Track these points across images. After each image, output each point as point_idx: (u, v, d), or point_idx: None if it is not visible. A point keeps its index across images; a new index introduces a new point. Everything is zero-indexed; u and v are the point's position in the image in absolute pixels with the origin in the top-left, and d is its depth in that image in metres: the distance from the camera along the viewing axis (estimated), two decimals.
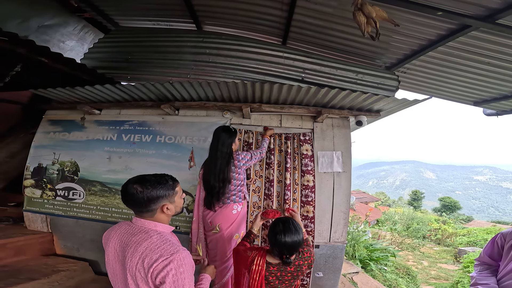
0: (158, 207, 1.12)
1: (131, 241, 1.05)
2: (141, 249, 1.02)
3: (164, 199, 1.12)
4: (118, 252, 1.09)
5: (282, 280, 1.43)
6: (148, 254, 1.00)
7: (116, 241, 1.11)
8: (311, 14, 2.53)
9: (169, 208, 1.14)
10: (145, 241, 1.04)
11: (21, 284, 2.02)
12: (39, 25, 3.16)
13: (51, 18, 3.29)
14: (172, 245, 1.04)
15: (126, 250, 1.05)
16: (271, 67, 3.01)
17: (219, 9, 2.93)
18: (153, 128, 2.81)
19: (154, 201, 1.10)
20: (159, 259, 0.99)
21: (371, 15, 1.57)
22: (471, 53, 2.39)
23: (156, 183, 1.12)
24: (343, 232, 2.61)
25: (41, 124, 3.02)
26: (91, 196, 2.80)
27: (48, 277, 2.25)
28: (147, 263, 0.99)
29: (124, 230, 1.12)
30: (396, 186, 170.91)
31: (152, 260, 0.99)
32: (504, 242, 1.40)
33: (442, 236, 12.89)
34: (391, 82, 2.90)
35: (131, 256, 1.02)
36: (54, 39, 3.40)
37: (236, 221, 2.07)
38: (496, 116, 3.79)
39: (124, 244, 1.07)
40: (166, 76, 3.07)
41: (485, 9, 1.80)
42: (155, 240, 1.04)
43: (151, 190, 1.09)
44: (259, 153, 2.24)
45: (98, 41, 3.48)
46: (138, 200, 1.08)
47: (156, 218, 1.13)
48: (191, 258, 1.07)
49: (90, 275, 2.61)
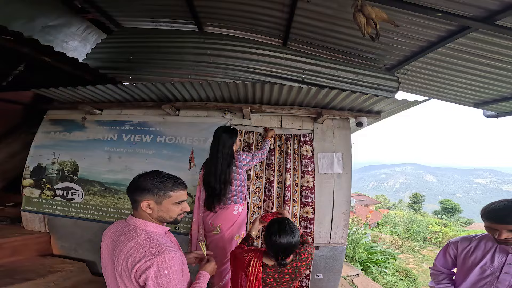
0: (140, 201, 1.05)
1: (120, 240, 1.03)
2: (127, 248, 0.99)
3: (149, 194, 1.05)
4: (110, 250, 1.07)
5: (280, 282, 1.42)
6: (132, 254, 0.97)
7: (109, 239, 1.10)
8: (312, 15, 2.55)
9: (152, 207, 1.06)
10: (131, 240, 1.01)
11: (16, 284, 2.00)
12: (43, 25, 3.18)
13: (55, 18, 3.31)
14: (159, 246, 0.99)
15: (115, 249, 1.03)
16: (271, 68, 3.02)
17: (221, 10, 2.95)
18: (154, 128, 2.82)
19: (139, 192, 1.06)
20: (142, 259, 0.95)
21: (371, 16, 1.58)
22: (470, 54, 2.40)
23: (155, 176, 1.08)
24: (344, 233, 2.58)
25: (42, 124, 3.03)
26: (90, 196, 2.79)
27: (44, 277, 2.23)
28: (130, 263, 0.96)
29: (116, 229, 1.10)
30: (396, 189, 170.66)
31: (136, 261, 0.95)
32: (456, 252, 1.42)
33: (443, 239, 12.88)
34: (391, 83, 2.91)
35: (118, 255, 1.00)
36: (58, 39, 3.41)
37: (237, 222, 2.06)
38: (496, 118, 3.81)
39: (114, 243, 1.05)
40: (168, 76, 3.08)
41: (484, 11, 1.82)
42: (141, 240, 1.00)
43: (144, 180, 1.07)
44: (260, 154, 2.24)
45: (101, 41, 3.51)
46: (130, 186, 1.08)
47: (140, 214, 1.08)
48: (180, 259, 1.03)
49: (87, 276, 2.59)
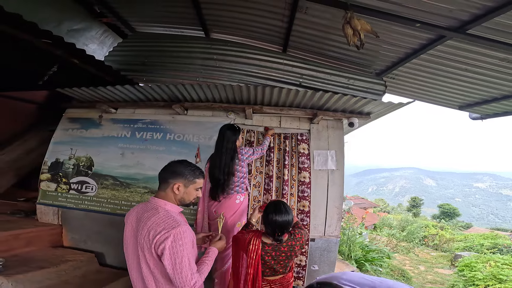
0: (172, 184, 1.28)
1: (144, 217, 1.20)
2: (149, 223, 1.16)
3: (181, 178, 1.29)
4: (134, 228, 1.23)
5: (277, 260, 1.57)
6: (154, 227, 1.14)
7: (133, 218, 1.26)
8: (309, 25, 2.79)
9: (180, 189, 1.28)
10: (153, 216, 1.18)
11: (31, 272, 2.12)
12: (68, 29, 3.43)
13: (78, 22, 3.58)
14: (175, 221, 1.16)
15: (139, 224, 1.20)
16: (272, 73, 3.25)
17: (226, 18, 3.19)
18: (164, 126, 3.03)
19: (175, 175, 1.29)
20: (161, 231, 1.11)
21: (357, 28, 1.84)
22: (449, 60, 2.64)
23: (188, 164, 1.33)
24: (337, 226, 2.76)
25: (61, 122, 3.23)
26: (103, 190, 2.95)
27: (56, 266, 2.34)
28: (152, 235, 1.12)
29: (140, 208, 1.28)
30: (395, 193, 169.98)
31: (156, 233, 1.11)
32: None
33: (440, 242, 12.89)
34: (379, 87, 3.16)
35: (141, 229, 1.16)
36: (80, 42, 3.64)
37: (239, 210, 2.25)
38: (481, 120, 4.05)
39: (138, 220, 1.22)
40: (178, 78, 3.32)
41: (456, 21, 2.06)
42: (161, 216, 1.18)
43: (180, 166, 1.31)
44: (261, 149, 2.46)
45: (118, 44, 3.76)
46: (166, 169, 1.30)
47: (166, 195, 1.29)
48: (192, 233, 1.21)
49: (95, 266, 2.70)
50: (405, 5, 2.03)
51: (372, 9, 2.12)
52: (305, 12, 2.58)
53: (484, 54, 2.41)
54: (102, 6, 3.41)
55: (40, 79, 2.65)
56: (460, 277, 6.61)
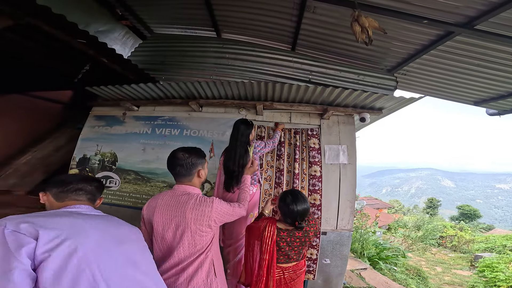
0: (196, 172, 1.45)
1: (180, 201, 1.34)
2: (189, 205, 1.32)
3: (200, 165, 1.47)
4: (170, 213, 1.33)
5: (292, 246, 1.60)
6: (196, 207, 1.32)
7: (163, 206, 1.36)
8: (317, 24, 2.85)
9: (202, 173, 1.47)
10: (190, 199, 1.35)
11: None
12: (95, 30, 3.67)
13: (103, 24, 3.82)
14: (208, 197, 1.40)
15: (177, 209, 1.32)
16: (281, 70, 3.35)
17: (237, 19, 3.32)
18: (181, 123, 3.20)
19: (195, 166, 1.45)
20: (206, 207, 1.33)
21: (365, 25, 1.91)
22: (460, 55, 2.63)
23: (197, 152, 1.49)
24: (350, 220, 2.72)
25: (88, 119, 3.46)
26: (125, 184, 3.09)
27: None
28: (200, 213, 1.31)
29: (169, 196, 1.39)
30: (411, 194, 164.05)
31: (204, 208, 1.32)
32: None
33: (459, 243, 12.38)
34: (390, 82, 3.18)
35: (184, 212, 1.31)
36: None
37: (251, 201, 2.32)
38: (499, 116, 3.93)
39: (174, 205, 1.34)
40: (193, 77, 3.52)
41: (464, 17, 2.08)
42: (195, 197, 1.36)
43: (194, 157, 1.45)
44: (272, 142, 2.55)
45: (139, 45, 4.03)
46: (185, 163, 1.42)
47: (193, 182, 1.45)
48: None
49: None
50: (411, 3, 2.07)
51: (379, 7, 2.18)
52: (313, 12, 2.64)
53: (495, 49, 2.39)
54: (124, 8, 3.64)
55: (75, 77, 2.84)
56: (480, 278, 6.37)
